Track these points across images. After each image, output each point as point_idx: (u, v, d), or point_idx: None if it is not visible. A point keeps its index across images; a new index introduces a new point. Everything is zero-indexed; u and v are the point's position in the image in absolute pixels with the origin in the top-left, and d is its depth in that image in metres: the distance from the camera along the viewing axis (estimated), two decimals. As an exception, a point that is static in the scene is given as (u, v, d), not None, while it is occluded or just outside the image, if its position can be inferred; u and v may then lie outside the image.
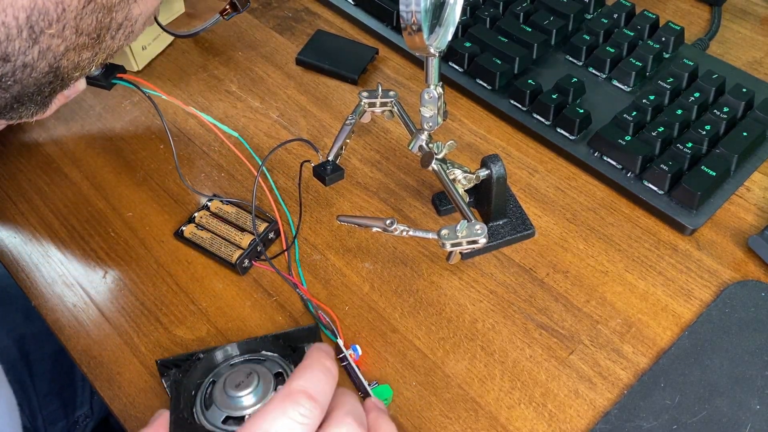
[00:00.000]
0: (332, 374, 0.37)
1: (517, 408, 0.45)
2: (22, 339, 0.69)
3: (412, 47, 0.43)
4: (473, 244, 0.47)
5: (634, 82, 0.61)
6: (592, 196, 0.56)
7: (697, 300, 0.50)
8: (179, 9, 0.72)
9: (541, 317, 0.49)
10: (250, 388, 0.41)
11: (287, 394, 0.35)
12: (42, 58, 0.39)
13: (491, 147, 0.60)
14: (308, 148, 0.61)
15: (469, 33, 0.65)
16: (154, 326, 0.51)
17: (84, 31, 0.40)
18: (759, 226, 0.53)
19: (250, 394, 0.41)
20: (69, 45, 0.40)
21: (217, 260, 0.53)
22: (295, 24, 0.72)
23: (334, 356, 0.39)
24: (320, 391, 0.36)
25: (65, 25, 0.38)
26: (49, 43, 0.38)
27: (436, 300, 0.51)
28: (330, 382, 0.37)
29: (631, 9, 0.65)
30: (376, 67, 0.67)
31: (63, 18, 0.38)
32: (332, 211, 0.56)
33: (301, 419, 0.34)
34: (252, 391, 0.41)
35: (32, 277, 0.54)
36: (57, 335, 0.51)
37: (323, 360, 0.37)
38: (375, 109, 0.56)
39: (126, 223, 0.56)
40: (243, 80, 0.67)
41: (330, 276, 0.52)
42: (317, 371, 0.36)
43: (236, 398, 0.41)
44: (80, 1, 0.38)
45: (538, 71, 0.63)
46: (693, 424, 0.44)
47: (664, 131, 0.55)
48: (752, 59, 0.65)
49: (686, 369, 0.46)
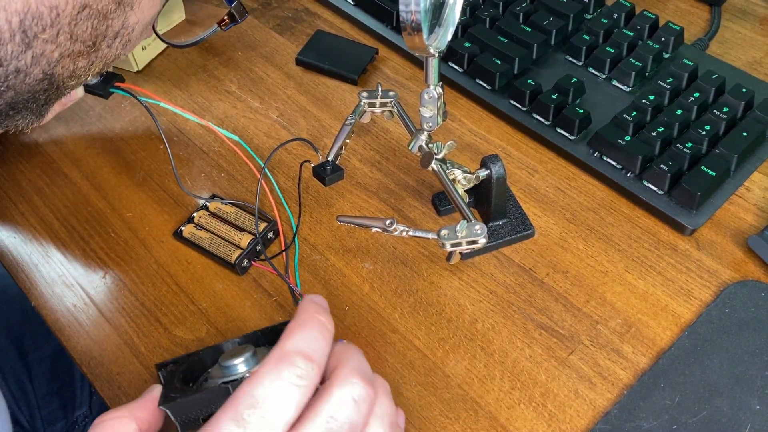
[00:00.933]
0: (328, 329, 0.35)
1: (517, 408, 0.45)
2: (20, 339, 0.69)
3: (411, 47, 0.43)
4: (473, 244, 0.47)
5: (634, 82, 0.61)
6: (592, 196, 0.56)
7: (697, 300, 0.50)
8: (179, 17, 0.71)
9: (540, 317, 0.49)
10: (243, 357, 0.37)
11: (281, 356, 0.33)
12: (35, 63, 0.38)
13: (491, 147, 0.60)
14: (308, 148, 0.61)
15: (468, 33, 0.65)
16: (153, 326, 0.51)
17: (79, 37, 0.39)
18: (759, 226, 0.53)
19: (242, 363, 0.37)
20: (63, 51, 0.39)
21: (217, 260, 0.53)
22: (295, 24, 0.72)
23: (327, 309, 0.37)
24: (316, 348, 0.33)
25: (59, 30, 0.38)
26: (42, 49, 0.38)
27: (436, 300, 0.51)
28: (327, 338, 0.34)
29: (630, 9, 0.65)
30: (375, 67, 0.67)
31: (57, 23, 0.37)
32: (332, 212, 0.56)
33: (297, 381, 0.32)
34: (245, 360, 0.37)
35: (32, 278, 0.54)
36: (57, 335, 0.51)
37: (317, 315, 0.35)
38: (375, 109, 0.56)
39: (126, 224, 0.56)
40: (243, 80, 0.67)
41: (330, 276, 0.52)
42: (311, 328, 0.34)
43: (230, 366, 0.37)
44: (75, 6, 0.37)
45: (538, 71, 0.63)
46: (693, 424, 0.44)
47: (664, 131, 0.56)
48: (752, 59, 0.65)
49: (686, 369, 0.46)
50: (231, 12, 0.47)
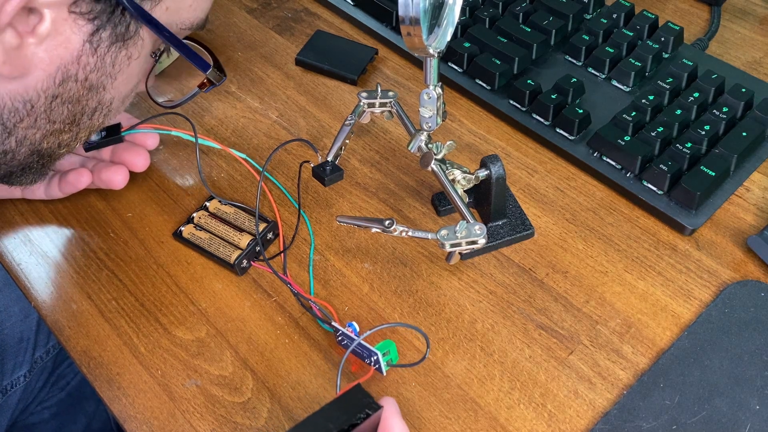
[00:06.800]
0: None
1: (517, 408, 0.45)
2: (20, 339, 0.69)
3: (411, 48, 0.43)
4: (472, 244, 0.47)
5: (634, 82, 0.61)
6: (592, 197, 0.56)
7: (697, 300, 0.50)
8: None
9: (540, 317, 0.49)
10: None
11: None
12: (20, 145, 0.43)
13: (490, 147, 0.60)
14: (308, 148, 0.61)
15: (468, 33, 0.65)
16: (153, 327, 0.51)
17: (57, 119, 0.43)
18: (758, 226, 0.53)
19: None
20: (45, 132, 0.43)
21: (216, 261, 0.53)
22: (295, 24, 0.72)
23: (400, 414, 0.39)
24: None
25: (36, 118, 0.42)
26: (24, 133, 0.42)
27: (436, 300, 0.51)
28: None
29: (630, 9, 0.65)
30: (375, 67, 0.67)
31: (33, 113, 0.41)
32: (332, 212, 0.56)
33: None
34: None
35: (32, 278, 0.54)
36: (57, 335, 0.51)
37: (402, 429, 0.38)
38: (374, 109, 0.56)
39: (125, 224, 0.56)
40: (242, 80, 0.67)
41: (329, 276, 0.52)
42: None
43: None
44: (46, 98, 0.41)
45: (538, 71, 0.63)
46: (692, 425, 0.44)
47: (664, 131, 0.55)
48: (751, 59, 0.65)
49: (686, 369, 0.46)
50: (208, 78, 0.50)
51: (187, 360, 0.49)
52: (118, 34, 0.41)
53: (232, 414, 0.46)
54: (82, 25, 0.40)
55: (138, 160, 0.55)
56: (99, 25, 0.40)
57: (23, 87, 0.40)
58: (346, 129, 0.55)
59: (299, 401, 0.47)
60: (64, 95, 0.42)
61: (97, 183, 0.55)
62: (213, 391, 0.47)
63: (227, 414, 0.46)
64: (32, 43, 0.38)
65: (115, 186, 0.55)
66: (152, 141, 0.57)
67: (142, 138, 0.57)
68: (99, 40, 0.41)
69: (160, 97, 0.63)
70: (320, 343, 0.49)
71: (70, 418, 0.74)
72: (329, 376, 0.48)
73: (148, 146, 0.57)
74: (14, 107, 0.40)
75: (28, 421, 0.72)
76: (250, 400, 0.47)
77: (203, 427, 0.46)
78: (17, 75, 0.39)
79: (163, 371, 0.48)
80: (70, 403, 0.74)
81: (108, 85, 0.44)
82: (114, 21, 0.41)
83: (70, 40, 0.40)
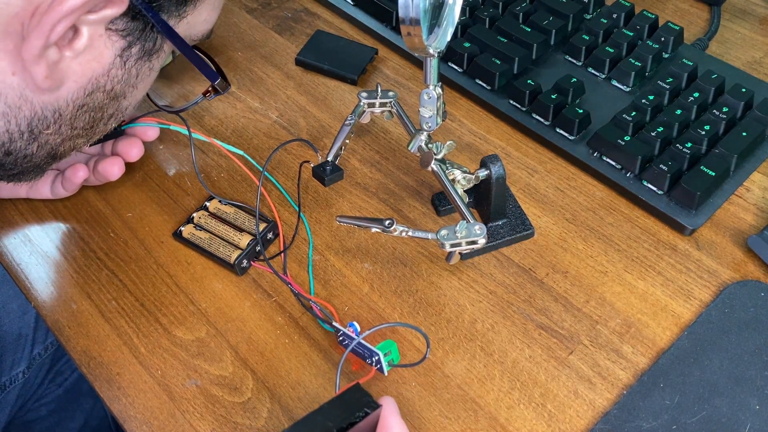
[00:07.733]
0: None
1: (517, 408, 0.45)
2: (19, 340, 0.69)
3: (411, 48, 0.43)
4: (472, 244, 0.47)
5: (634, 82, 0.61)
6: (592, 197, 0.56)
7: (697, 300, 0.50)
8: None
9: (540, 317, 0.49)
10: None
11: None
12: (41, 149, 0.44)
13: (490, 147, 0.60)
14: (308, 148, 0.61)
15: (468, 33, 0.65)
16: (153, 327, 0.51)
17: (78, 126, 0.45)
18: (758, 226, 0.53)
19: None
20: (65, 137, 0.45)
21: (216, 260, 0.53)
22: (295, 24, 0.72)
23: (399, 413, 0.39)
24: None
25: (61, 125, 0.44)
26: (47, 139, 0.44)
27: (436, 300, 0.51)
28: None
29: (630, 9, 0.65)
30: (375, 67, 0.67)
31: (59, 121, 0.43)
32: (332, 212, 0.56)
33: None
34: None
35: (32, 278, 0.54)
36: (57, 335, 0.51)
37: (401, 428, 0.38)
38: (374, 109, 0.56)
39: (125, 224, 0.56)
40: (242, 80, 0.67)
41: (329, 276, 0.52)
42: None
43: None
44: (74, 107, 0.43)
45: (538, 71, 0.63)
46: (692, 425, 0.44)
47: (664, 131, 0.55)
48: (751, 59, 0.65)
49: (686, 369, 0.46)
50: (213, 86, 0.51)
51: (187, 360, 0.49)
52: (146, 49, 0.44)
53: (232, 414, 0.46)
54: (115, 41, 0.42)
55: (132, 150, 0.56)
56: (131, 41, 0.42)
57: (55, 97, 0.42)
58: (346, 129, 0.55)
59: (299, 401, 0.47)
60: (90, 104, 0.44)
61: (94, 175, 0.56)
62: (213, 391, 0.47)
63: (227, 414, 0.46)
64: (68, 57, 0.40)
65: (111, 177, 0.55)
66: (152, 133, 0.57)
67: (142, 131, 0.57)
68: (129, 54, 0.43)
69: (161, 101, 0.63)
70: (320, 343, 0.49)
71: (67, 415, 0.75)
72: (329, 376, 0.48)
73: (148, 137, 0.57)
74: (44, 115, 0.42)
75: (26, 417, 0.72)
76: (250, 400, 0.47)
77: (203, 427, 0.46)
78: (54, 87, 0.41)
79: (163, 371, 0.48)
80: (68, 399, 0.74)
81: (129, 94, 0.46)
82: (144, 37, 0.43)
83: (103, 55, 0.42)
